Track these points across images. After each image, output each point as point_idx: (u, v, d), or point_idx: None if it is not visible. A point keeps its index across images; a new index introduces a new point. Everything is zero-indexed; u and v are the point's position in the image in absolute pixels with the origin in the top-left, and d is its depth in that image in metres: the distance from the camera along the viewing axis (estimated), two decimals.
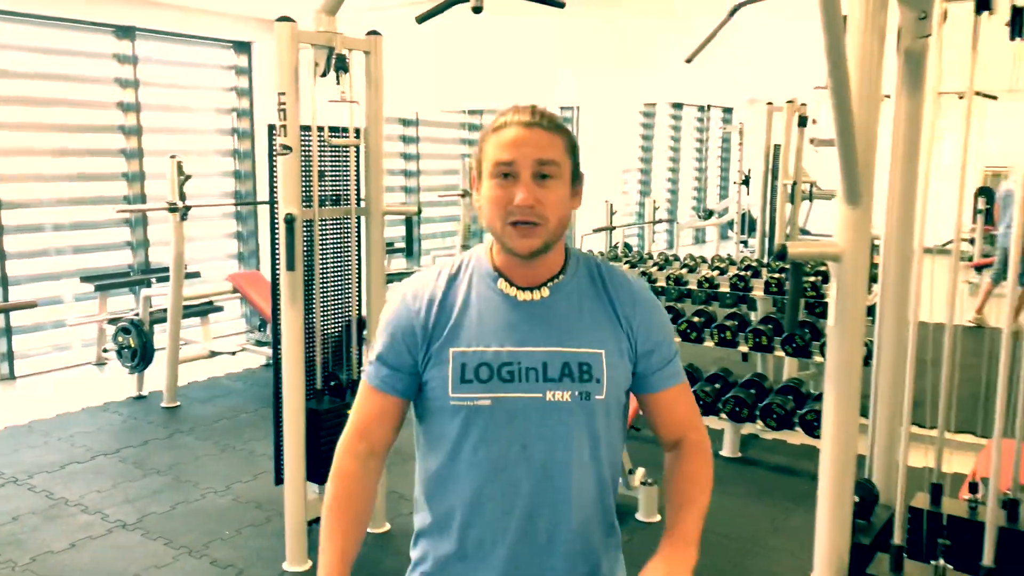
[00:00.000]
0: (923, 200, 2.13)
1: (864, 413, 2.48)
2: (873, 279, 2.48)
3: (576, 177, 1.37)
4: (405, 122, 8.19)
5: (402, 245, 5.11)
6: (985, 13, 2.13)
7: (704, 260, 6.11)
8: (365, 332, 3.63)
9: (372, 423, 1.41)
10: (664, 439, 1.45)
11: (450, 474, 1.37)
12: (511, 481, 1.33)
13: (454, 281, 1.39)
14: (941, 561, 2.03)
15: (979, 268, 8.35)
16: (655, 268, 5.82)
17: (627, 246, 8.01)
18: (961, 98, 2.15)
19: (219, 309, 6.60)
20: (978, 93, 4.32)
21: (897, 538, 2.11)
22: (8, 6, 5.86)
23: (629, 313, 1.38)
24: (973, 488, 2.41)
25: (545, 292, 1.36)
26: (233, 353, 6.25)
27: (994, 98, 4.96)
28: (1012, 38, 2.11)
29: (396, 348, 1.38)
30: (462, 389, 1.32)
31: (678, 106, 8.96)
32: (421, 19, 2.89)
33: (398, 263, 7.92)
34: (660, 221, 8.21)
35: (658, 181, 8.92)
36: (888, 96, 2.22)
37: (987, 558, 2.00)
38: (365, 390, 1.42)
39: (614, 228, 7.40)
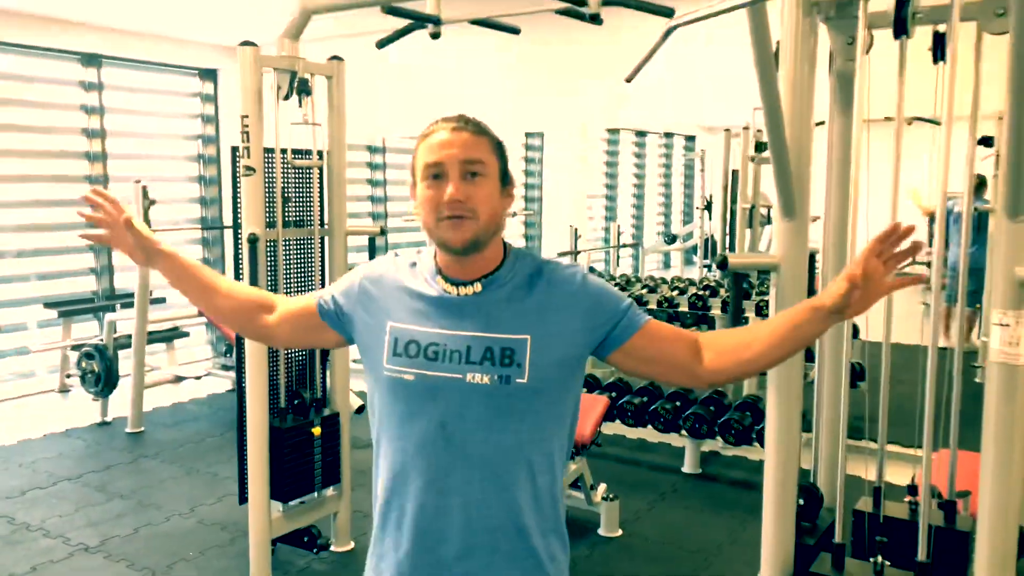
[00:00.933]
0: (852, 225, 2.20)
1: (809, 428, 2.59)
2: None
3: (505, 178, 1.46)
4: (372, 149, 8.29)
5: None
6: (916, 40, 2.25)
7: (665, 281, 6.23)
8: (328, 352, 3.67)
9: (292, 309, 1.58)
10: (683, 363, 1.44)
11: (383, 446, 1.47)
12: (431, 457, 1.40)
13: (405, 267, 1.51)
14: (879, 558, 2.13)
15: None
16: (618, 289, 5.92)
17: (591, 269, 8.14)
18: (910, 122, 2.25)
19: (185, 335, 6.59)
20: (920, 119, 4.47)
21: (839, 537, 2.21)
22: None
23: (570, 303, 1.42)
24: (913, 491, 2.52)
25: (478, 287, 1.44)
26: (199, 378, 6.24)
27: (937, 123, 5.12)
28: (935, 62, 2.24)
29: (337, 291, 1.54)
30: (394, 361, 1.42)
31: (641, 134, 9.15)
32: (381, 44, 2.99)
33: None
34: (625, 245, 8.34)
35: (624, 207, 9.07)
36: (821, 123, 2.33)
37: (921, 554, 2.09)
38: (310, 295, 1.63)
39: (579, 252, 7.52)
